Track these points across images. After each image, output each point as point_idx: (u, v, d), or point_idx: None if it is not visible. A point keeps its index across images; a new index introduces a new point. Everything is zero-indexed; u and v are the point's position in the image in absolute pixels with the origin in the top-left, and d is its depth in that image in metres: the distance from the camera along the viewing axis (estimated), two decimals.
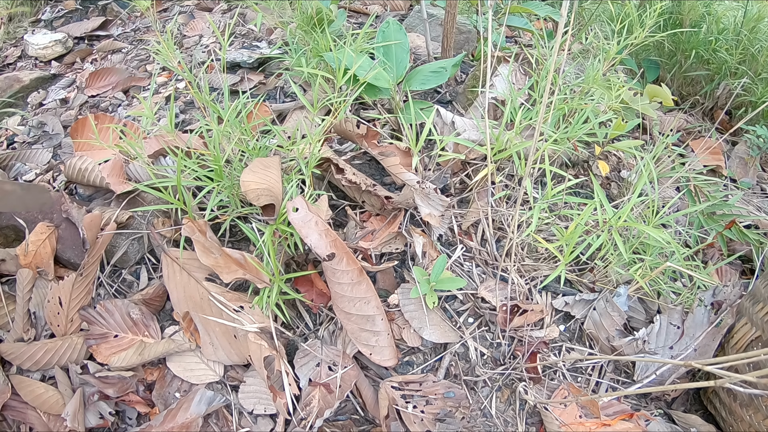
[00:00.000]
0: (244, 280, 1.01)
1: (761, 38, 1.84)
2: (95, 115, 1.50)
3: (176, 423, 0.94)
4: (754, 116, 1.84)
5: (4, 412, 0.97)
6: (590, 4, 2.00)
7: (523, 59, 1.46)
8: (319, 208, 1.05)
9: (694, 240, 1.35)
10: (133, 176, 1.28)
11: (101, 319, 1.07)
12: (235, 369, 1.04)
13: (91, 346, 1.04)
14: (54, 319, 1.06)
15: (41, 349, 1.02)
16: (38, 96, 1.82)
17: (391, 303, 1.08)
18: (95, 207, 1.23)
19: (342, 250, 0.97)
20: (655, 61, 2.07)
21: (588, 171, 1.43)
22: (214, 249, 1.02)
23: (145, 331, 1.06)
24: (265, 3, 1.58)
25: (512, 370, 1.03)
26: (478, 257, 1.17)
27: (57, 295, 1.06)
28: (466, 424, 0.95)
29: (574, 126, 1.24)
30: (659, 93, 1.64)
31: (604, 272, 1.14)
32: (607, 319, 1.08)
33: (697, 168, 1.58)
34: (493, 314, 1.08)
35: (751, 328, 0.98)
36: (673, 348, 1.06)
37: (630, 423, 0.97)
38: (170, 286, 1.08)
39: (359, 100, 1.45)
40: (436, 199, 1.12)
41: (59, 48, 2.07)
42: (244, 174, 0.97)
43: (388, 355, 0.99)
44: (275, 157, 1.06)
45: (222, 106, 1.25)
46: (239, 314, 1.01)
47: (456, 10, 1.53)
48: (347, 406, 1.01)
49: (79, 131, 1.44)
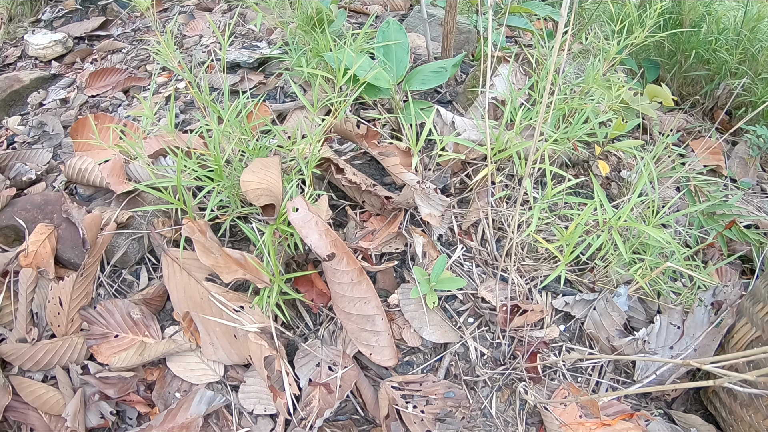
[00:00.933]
0: (244, 280, 1.01)
1: (761, 38, 1.84)
2: (95, 115, 1.50)
3: (176, 423, 0.94)
4: (754, 116, 1.84)
5: (5, 413, 0.97)
6: (590, 4, 2.00)
7: (523, 59, 1.46)
8: (319, 208, 1.05)
9: (694, 240, 1.35)
10: (133, 176, 1.28)
11: (101, 319, 1.07)
12: (235, 369, 1.04)
13: (91, 347, 1.05)
14: (54, 319, 1.06)
15: (42, 349, 1.02)
16: (38, 96, 1.82)
17: (391, 303, 1.08)
18: (95, 207, 1.23)
19: (342, 250, 0.97)
20: (655, 61, 2.07)
21: (588, 171, 1.44)
22: (214, 249, 1.02)
23: (145, 331, 1.06)
24: (265, 3, 1.58)
25: (512, 370, 1.03)
26: (478, 257, 1.17)
27: (57, 295, 1.06)
28: (466, 424, 0.95)
29: (574, 126, 1.24)
30: (659, 93, 1.64)
31: (604, 272, 1.14)
32: (607, 319, 1.08)
33: (697, 168, 1.58)
34: (493, 314, 1.08)
35: (751, 328, 0.98)
36: (673, 348, 1.06)
37: (630, 423, 0.97)
38: (170, 286, 1.08)
39: (359, 100, 1.45)
40: (436, 199, 1.13)
41: (59, 48, 2.07)
42: (244, 174, 0.97)
43: (388, 355, 0.99)
44: (275, 157, 1.06)
45: (222, 106, 1.25)
46: (239, 314, 1.01)
47: (456, 10, 1.53)
48: (347, 406, 1.01)
49: (79, 131, 1.44)
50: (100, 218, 1.14)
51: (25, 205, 1.21)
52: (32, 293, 1.09)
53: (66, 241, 1.16)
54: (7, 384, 0.98)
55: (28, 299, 1.08)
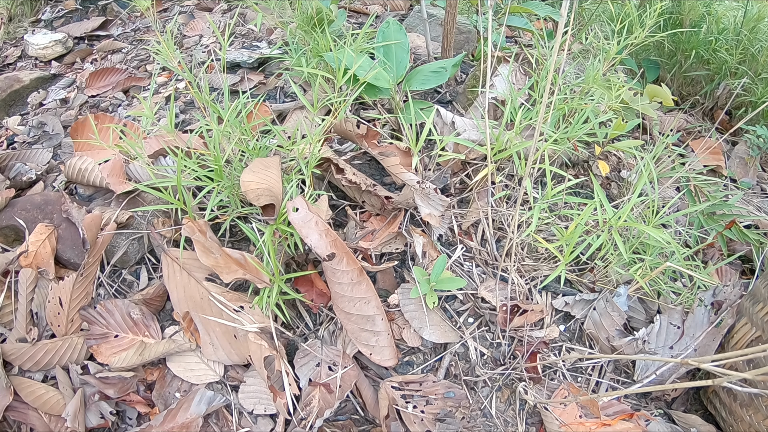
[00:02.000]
0: (244, 280, 1.01)
1: (761, 38, 1.84)
2: (95, 116, 1.50)
3: (176, 423, 0.94)
4: (754, 116, 1.84)
5: (6, 413, 0.97)
6: (590, 4, 2.00)
7: (523, 59, 1.46)
8: (319, 208, 1.05)
9: (694, 240, 1.35)
10: (133, 176, 1.28)
11: (102, 319, 1.07)
12: (235, 369, 1.04)
13: (91, 347, 1.05)
14: (54, 319, 1.06)
15: (41, 349, 1.02)
16: (38, 96, 1.82)
17: (391, 303, 1.08)
18: (95, 207, 1.23)
19: (342, 250, 0.97)
20: (655, 61, 2.07)
21: (588, 171, 1.44)
22: (214, 249, 1.02)
23: (145, 331, 1.06)
24: (265, 3, 1.58)
25: (512, 370, 1.03)
26: (478, 257, 1.17)
27: (57, 295, 1.06)
28: (466, 424, 0.95)
29: (574, 126, 1.24)
30: (659, 93, 1.64)
31: (604, 272, 1.14)
32: (607, 319, 1.08)
33: (697, 168, 1.58)
34: (493, 314, 1.08)
35: (751, 328, 0.98)
36: (673, 348, 1.06)
37: (630, 423, 0.97)
38: (170, 286, 1.08)
39: (359, 100, 1.45)
40: (436, 199, 1.13)
41: (59, 48, 2.07)
42: (244, 174, 0.97)
43: (388, 355, 0.99)
44: (275, 157, 1.06)
45: (222, 106, 1.25)
46: (239, 314, 1.01)
47: (456, 10, 1.53)
48: (347, 406, 1.01)
49: (79, 131, 1.44)
50: (100, 218, 1.14)
51: (25, 205, 1.21)
52: (32, 293, 1.09)
53: (66, 241, 1.16)
54: (9, 384, 0.98)
55: (27, 299, 1.08)
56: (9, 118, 1.73)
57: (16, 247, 1.15)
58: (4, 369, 1.01)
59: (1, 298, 1.08)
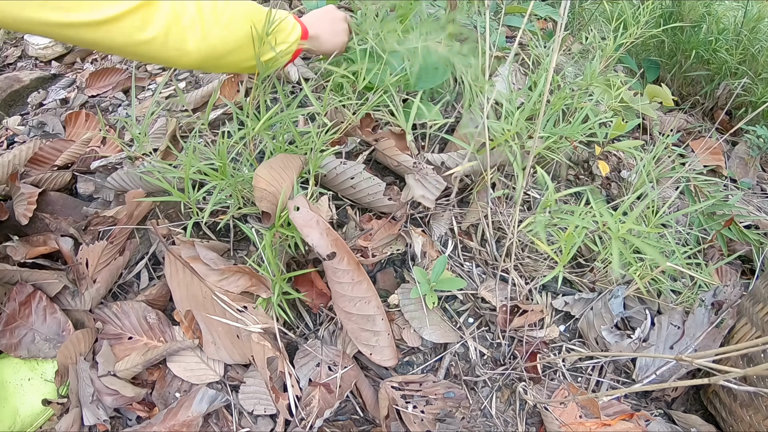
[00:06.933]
0: (249, 289, 1.01)
1: (761, 38, 1.84)
2: (86, 113, 1.50)
3: (177, 420, 0.94)
4: (755, 116, 1.84)
5: None
6: (590, 4, 2.00)
7: (522, 59, 1.46)
8: (321, 207, 1.05)
9: (694, 240, 1.35)
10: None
11: (116, 320, 1.06)
12: (235, 369, 1.04)
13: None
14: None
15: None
16: (38, 96, 1.82)
17: (391, 303, 1.08)
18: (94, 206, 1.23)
19: (343, 250, 0.97)
20: (655, 61, 2.07)
21: (588, 171, 1.44)
22: (219, 263, 1.02)
23: (161, 337, 1.05)
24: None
25: (512, 370, 1.03)
26: (478, 257, 1.17)
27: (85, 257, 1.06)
28: (466, 424, 0.95)
29: (573, 126, 1.24)
30: (659, 93, 1.64)
31: (604, 272, 1.15)
32: (599, 319, 1.08)
33: (697, 168, 1.58)
34: (493, 314, 1.08)
35: (752, 329, 0.98)
36: (673, 348, 1.06)
37: (630, 423, 0.97)
38: (173, 284, 1.08)
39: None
40: (432, 180, 1.11)
41: (59, 48, 2.07)
42: (260, 168, 0.94)
43: (388, 355, 0.99)
44: (302, 157, 1.02)
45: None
46: (243, 314, 1.01)
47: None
48: (347, 406, 1.01)
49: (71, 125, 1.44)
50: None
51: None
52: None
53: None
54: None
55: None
56: (9, 118, 1.73)
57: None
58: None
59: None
